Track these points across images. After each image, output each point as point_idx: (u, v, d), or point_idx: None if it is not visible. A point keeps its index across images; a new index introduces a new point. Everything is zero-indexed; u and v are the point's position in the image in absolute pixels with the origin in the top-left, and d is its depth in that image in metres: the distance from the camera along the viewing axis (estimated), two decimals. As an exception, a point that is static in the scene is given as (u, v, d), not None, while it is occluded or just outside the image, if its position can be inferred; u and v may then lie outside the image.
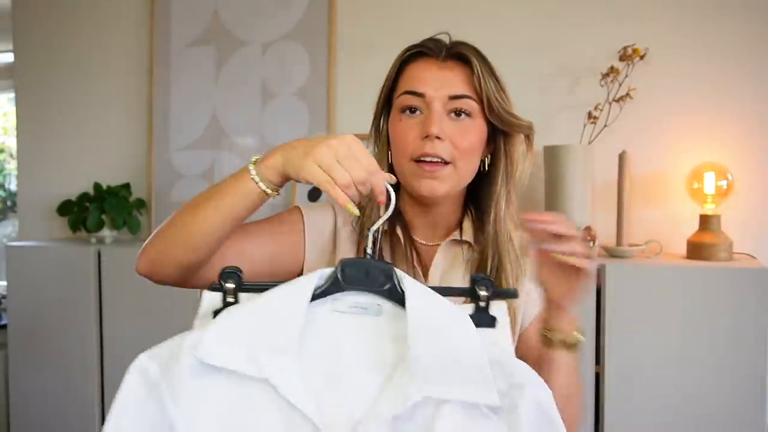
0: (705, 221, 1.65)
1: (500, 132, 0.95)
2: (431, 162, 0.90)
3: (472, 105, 0.91)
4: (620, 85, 1.74)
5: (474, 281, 0.72)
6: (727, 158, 1.73)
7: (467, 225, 0.99)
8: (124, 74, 2.29)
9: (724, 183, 1.68)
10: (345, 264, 0.67)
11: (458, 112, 0.91)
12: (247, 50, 2.14)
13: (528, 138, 0.97)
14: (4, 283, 2.22)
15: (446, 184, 0.91)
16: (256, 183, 0.79)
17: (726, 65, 1.77)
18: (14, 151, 3.13)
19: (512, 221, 0.97)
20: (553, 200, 1.72)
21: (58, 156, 2.39)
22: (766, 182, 1.75)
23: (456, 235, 0.98)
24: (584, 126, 1.75)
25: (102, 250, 1.98)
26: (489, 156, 0.97)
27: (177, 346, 0.64)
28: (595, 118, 1.74)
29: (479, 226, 0.98)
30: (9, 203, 3.58)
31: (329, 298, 0.67)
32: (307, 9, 2.08)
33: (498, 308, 0.70)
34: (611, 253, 1.67)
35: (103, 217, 2.11)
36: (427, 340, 0.63)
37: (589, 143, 1.75)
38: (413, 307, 0.64)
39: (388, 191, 0.76)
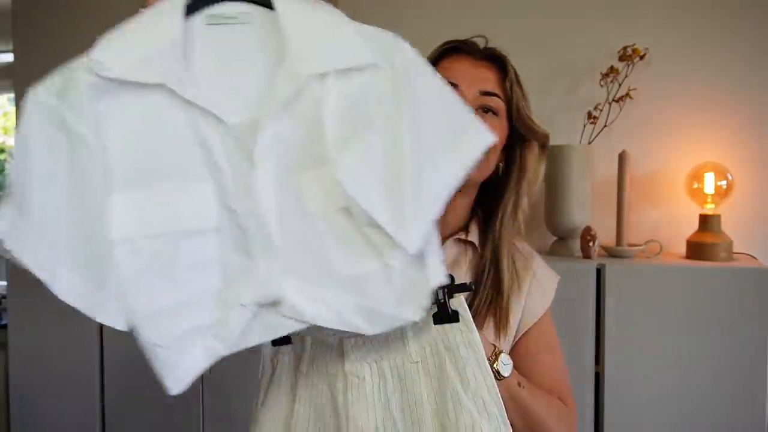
0: (705, 221, 1.65)
1: (518, 139, 0.97)
2: None
3: (499, 104, 0.94)
4: (620, 85, 1.74)
5: None
6: (727, 158, 1.73)
7: (474, 227, 1.00)
8: (124, 74, 2.29)
9: (724, 183, 1.68)
10: None
11: (486, 109, 0.94)
12: (247, 50, 2.14)
13: (543, 147, 0.99)
14: (4, 283, 2.22)
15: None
16: None
17: (726, 65, 1.77)
18: (14, 151, 3.13)
19: (518, 229, 0.98)
20: (553, 200, 1.72)
21: (58, 156, 2.39)
22: (766, 182, 1.75)
23: (461, 234, 0.99)
24: (584, 126, 1.75)
25: (102, 250, 1.98)
26: (503, 163, 0.99)
27: (69, 71, 0.66)
28: (595, 118, 1.74)
29: (484, 229, 0.99)
30: (9, 203, 3.58)
31: (201, 14, 0.70)
32: (307, 9, 2.08)
33: (459, 303, 0.76)
34: (611, 253, 1.67)
35: (103, 216, 2.10)
36: (298, 26, 0.68)
37: (589, 143, 1.75)
38: (281, 3, 0.69)
39: None
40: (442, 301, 0.77)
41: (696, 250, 1.63)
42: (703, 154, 1.75)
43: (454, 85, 0.93)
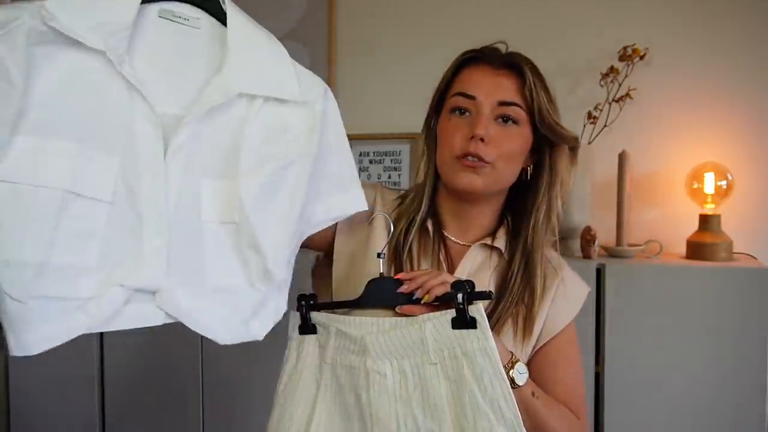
0: (705, 221, 1.65)
1: (546, 143, 0.97)
2: (472, 160, 0.92)
3: (519, 113, 0.94)
4: (620, 85, 1.74)
5: (452, 285, 0.81)
6: (727, 158, 1.73)
7: (501, 233, 1.00)
8: (124, 74, 2.29)
9: (724, 183, 1.68)
10: None
11: (505, 118, 0.93)
12: (247, 50, 2.15)
13: (573, 150, 0.99)
14: (4, 283, 2.22)
15: (484, 180, 0.93)
16: None
17: (726, 65, 1.77)
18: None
19: (552, 233, 0.99)
20: (553, 200, 1.72)
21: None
22: (766, 182, 1.75)
23: (488, 240, 0.99)
24: (584, 126, 1.75)
25: (102, 250, 1.98)
26: (532, 166, 0.99)
27: (17, 9, 0.66)
28: (595, 118, 1.74)
29: (514, 234, 0.99)
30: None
31: (156, 5, 0.74)
32: (307, 9, 2.08)
33: (477, 311, 0.80)
34: (611, 253, 1.67)
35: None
36: (243, 46, 0.74)
37: (589, 143, 1.75)
38: (234, 22, 0.75)
39: (386, 220, 0.93)
40: (462, 307, 0.79)
41: (696, 250, 1.63)
42: (703, 154, 1.75)
43: (471, 98, 0.93)
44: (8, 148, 0.64)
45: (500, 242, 0.98)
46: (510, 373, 0.84)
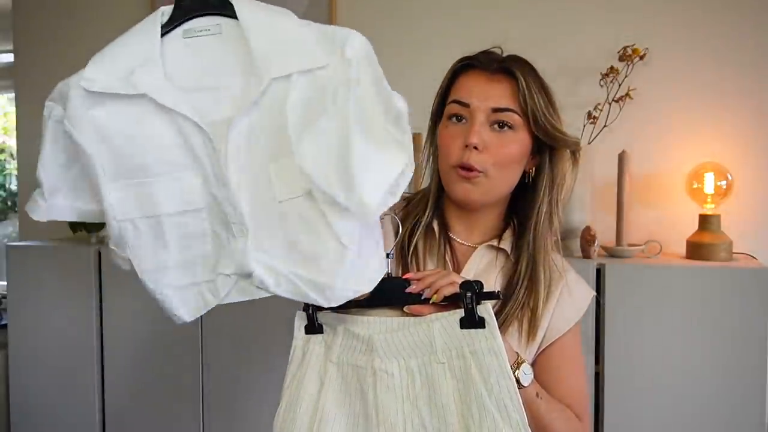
0: (705, 221, 1.65)
1: (546, 146, 0.98)
2: (468, 170, 0.93)
3: (514, 118, 0.94)
4: (620, 85, 1.74)
5: (461, 285, 0.81)
6: (727, 158, 1.73)
7: (507, 234, 1.00)
8: (124, 74, 2.29)
9: (724, 183, 1.68)
10: None
11: (501, 124, 0.94)
12: (247, 50, 2.15)
13: (574, 154, 0.99)
14: (4, 283, 2.22)
15: (480, 189, 0.94)
16: None
17: (726, 65, 1.77)
18: (14, 151, 3.13)
19: (554, 235, 0.99)
20: (553, 200, 1.72)
21: (58, 156, 2.38)
22: (766, 182, 1.75)
23: (494, 241, 0.99)
24: (584, 126, 1.75)
25: (102, 250, 1.97)
26: (533, 169, 1.00)
27: (65, 86, 0.79)
28: (595, 118, 1.74)
29: (520, 236, 0.99)
30: (9, 203, 3.58)
31: (177, 29, 0.81)
32: (307, 9, 2.08)
33: (485, 310, 0.81)
34: (611, 253, 1.67)
35: (103, 217, 2.11)
36: (261, 34, 0.78)
37: (589, 143, 1.75)
38: (244, 15, 0.79)
39: (394, 220, 0.95)
40: (470, 306, 0.80)
41: (696, 250, 1.63)
42: (703, 154, 1.75)
43: (465, 105, 0.94)
44: (110, 197, 0.80)
45: (506, 244, 0.99)
46: (515, 373, 0.84)
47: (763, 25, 1.75)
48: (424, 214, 0.99)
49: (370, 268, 0.83)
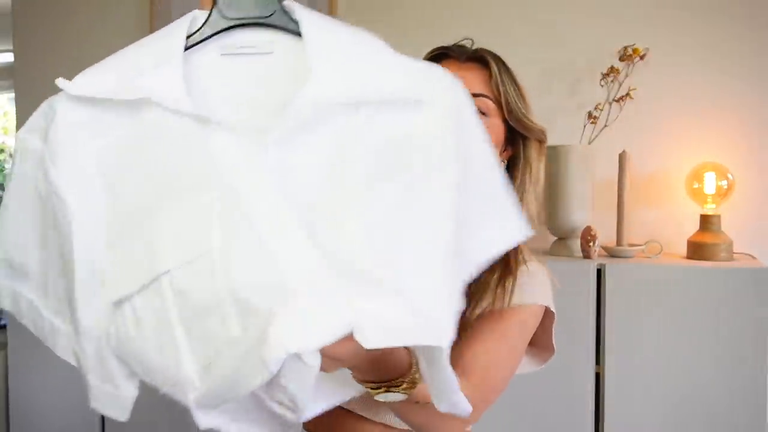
0: (705, 221, 1.65)
1: (519, 136, 0.98)
2: None
3: (488, 104, 0.94)
4: (620, 85, 1.74)
5: None
6: (727, 158, 1.73)
7: None
8: (124, 74, 2.29)
9: (724, 183, 1.68)
10: None
11: None
12: (247, 50, 2.14)
13: (540, 143, 0.99)
14: (4, 283, 2.22)
15: None
16: None
17: (726, 65, 1.77)
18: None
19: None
20: (553, 200, 1.72)
21: (58, 156, 2.38)
22: (766, 182, 1.75)
23: None
24: (584, 126, 1.75)
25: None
26: (506, 160, 1.00)
27: (49, 107, 0.61)
28: (595, 118, 1.74)
29: None
30: (9, 203, 3.58)
31: (215, 39, 0.61)
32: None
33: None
34: (611, 253, 1.67)
35: (103, 217, 2.10)
36: (330, 55, 0.58)
37: (589, 143, 1.75)
38: (310, 29, 0.60)
39: None
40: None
41: (696, 250, 1.63)
42: (703, 154, 1.75)
43: None
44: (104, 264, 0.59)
45: None
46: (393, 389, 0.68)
47: (764, 25, 1.75)
48: None
49: None
